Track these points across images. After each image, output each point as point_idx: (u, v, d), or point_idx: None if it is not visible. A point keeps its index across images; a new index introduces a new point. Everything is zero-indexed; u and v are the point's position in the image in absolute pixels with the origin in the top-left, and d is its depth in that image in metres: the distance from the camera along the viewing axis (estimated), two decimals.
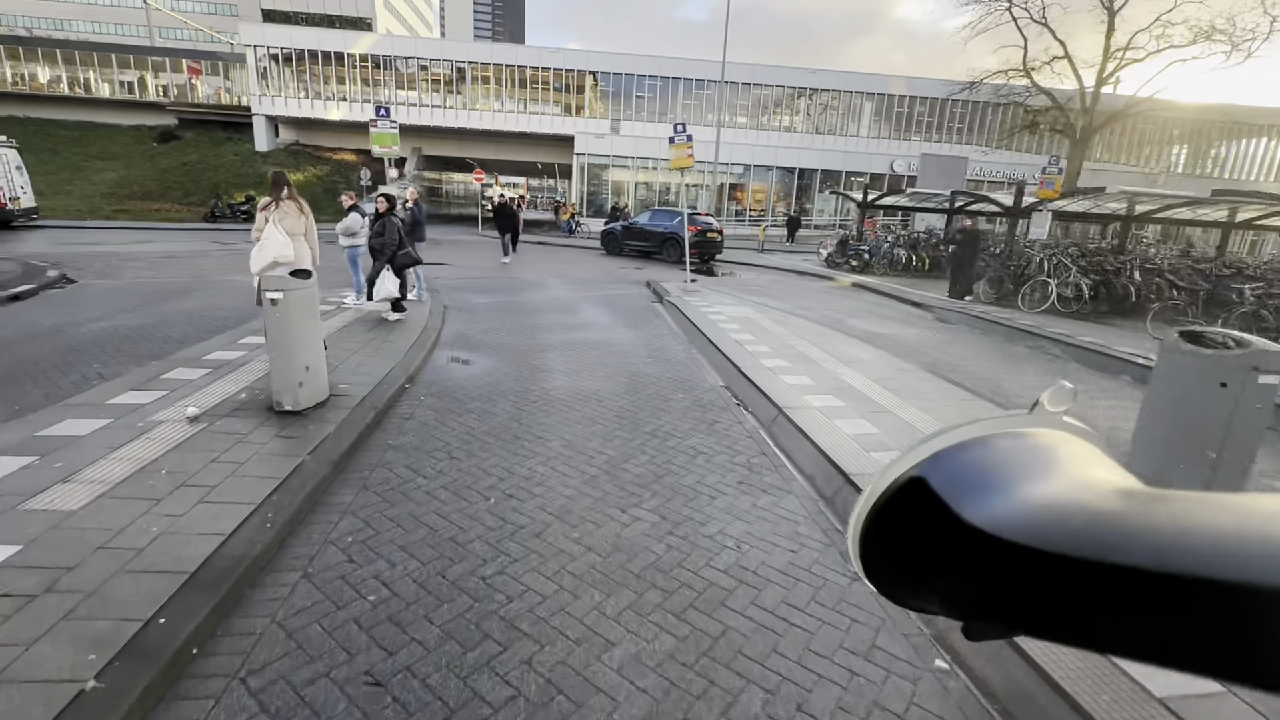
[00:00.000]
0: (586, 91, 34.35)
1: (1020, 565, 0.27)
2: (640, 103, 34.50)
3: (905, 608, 0.34)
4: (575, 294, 11.10)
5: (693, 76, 34.26)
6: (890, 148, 35.95)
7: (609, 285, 12.54)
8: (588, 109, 34.50)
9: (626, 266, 16.43)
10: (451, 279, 12.46)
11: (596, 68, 33.83)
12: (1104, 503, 0.27)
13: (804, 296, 12.45)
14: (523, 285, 11.97)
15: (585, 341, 7.45)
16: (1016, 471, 0.31)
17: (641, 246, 18.98)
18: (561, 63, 33.67)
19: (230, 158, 32.12)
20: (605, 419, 4.91)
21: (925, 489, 0.31)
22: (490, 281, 12.32)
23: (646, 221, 18.86)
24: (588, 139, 32.73)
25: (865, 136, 36.07)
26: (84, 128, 34.62)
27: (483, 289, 11.25)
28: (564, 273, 14.29)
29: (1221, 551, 0.21)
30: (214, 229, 22.35)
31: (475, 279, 12.58)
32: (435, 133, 36.00)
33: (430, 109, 33.80)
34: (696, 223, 17.75)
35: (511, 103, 34.34)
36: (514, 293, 10.95)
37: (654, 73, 34.02)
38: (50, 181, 28.53)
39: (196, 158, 31.96)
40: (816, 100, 35.50)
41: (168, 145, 33.91)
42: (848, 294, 13.41)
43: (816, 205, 35.67)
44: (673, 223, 18.12)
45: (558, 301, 10.24)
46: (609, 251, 19.86)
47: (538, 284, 12.20)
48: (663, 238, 18.14)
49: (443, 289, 11.14)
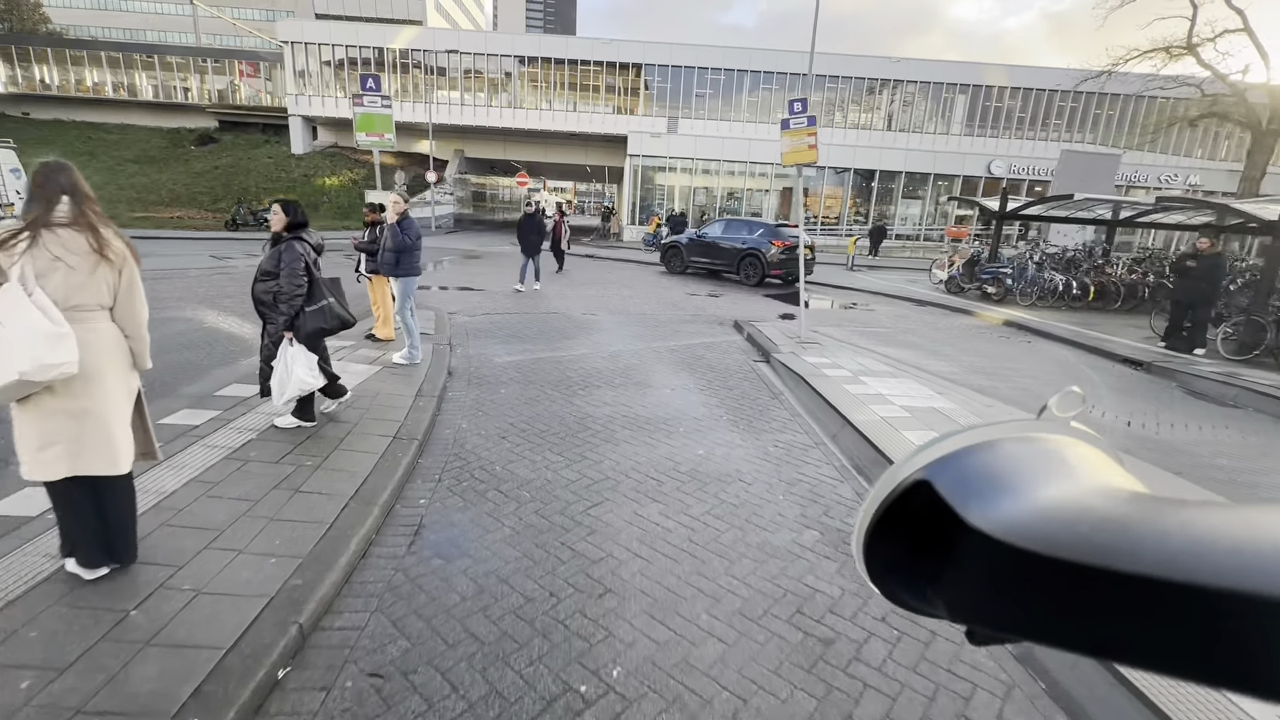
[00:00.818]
0: (641, 88, 31.24)
1: (1025, 570, 0.26)
2: (700, 100, 31.18)
3: (910, 611, 0.34)
4: (640, 344, 7.82)
5: (760, 69, 30.73)
6: (986, 146, 31.49)
7: (684, 326, 9.22)
8: (642, 106, 31.39)
9: (697, 291, 13.10)
10: (476, 312, 9.39)
11: (653, 60, 30.69)
12: (1112, 509, 0.27)
13: (956, 345, 8.83)
14: (566, 326, 8.77)
15: (675, 471, 4.12)
16: (1023, 476, 0.30)
17: (711, 264, 15.63)
18: (615, 55, 30.67)
19: (264, 161, 30.39)
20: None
21: (931, 492, 0.31)
22: (524, 319, 9.16)
23: (720, 234, 15.47)
24: (642, 139, 29.60)
25: (957, 135, 31.72)
26: (126, 131, 33.68)
27: (512, 333, 8.10)
28: (620, 302, 11.05)
29: (1231, 560, 0.21)
30: (229, 238, 20.15)
31: (506, 313, 9.46)
32: (479, 134, 33.56)
33: (473, 108, 31.33)
34: (783, 236, 14.28)
35: (560, 101, 31.54)
36: (554, 341, 7.75)
37: (717, 64, 30.63)
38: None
39: (230, 161, 30.35)
40: (900, 94, 31.39)
41: (205, 148, 32.55)
42: (1010, 340, 9.69)
43: (899, 212, 31.51)
44: (753, 236, 14.69)
45: (617, 361, 6.97)
46: (670, 269, 16.58)
47: (587, 324, 8.99)
48: (740, 255, 14.72)
49: (460, 330, 8.05)
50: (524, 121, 31.49)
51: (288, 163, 30.20)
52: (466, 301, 10.30)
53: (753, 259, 14.46)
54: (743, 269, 14.71)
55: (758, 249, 14.38)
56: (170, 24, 58.66)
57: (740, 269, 14.78)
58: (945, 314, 12.04)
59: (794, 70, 30.63)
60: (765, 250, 14.25)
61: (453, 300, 10.32)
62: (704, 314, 10.36)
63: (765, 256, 14.21)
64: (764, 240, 14.41)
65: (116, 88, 35.58)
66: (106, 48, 35.20)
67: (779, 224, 14.85)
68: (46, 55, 34.81)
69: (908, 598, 0.33)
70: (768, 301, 12.31)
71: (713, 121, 31.17)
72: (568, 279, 14.05)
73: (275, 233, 3.97)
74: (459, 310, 9.45)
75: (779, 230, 14.45)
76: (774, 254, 14.16)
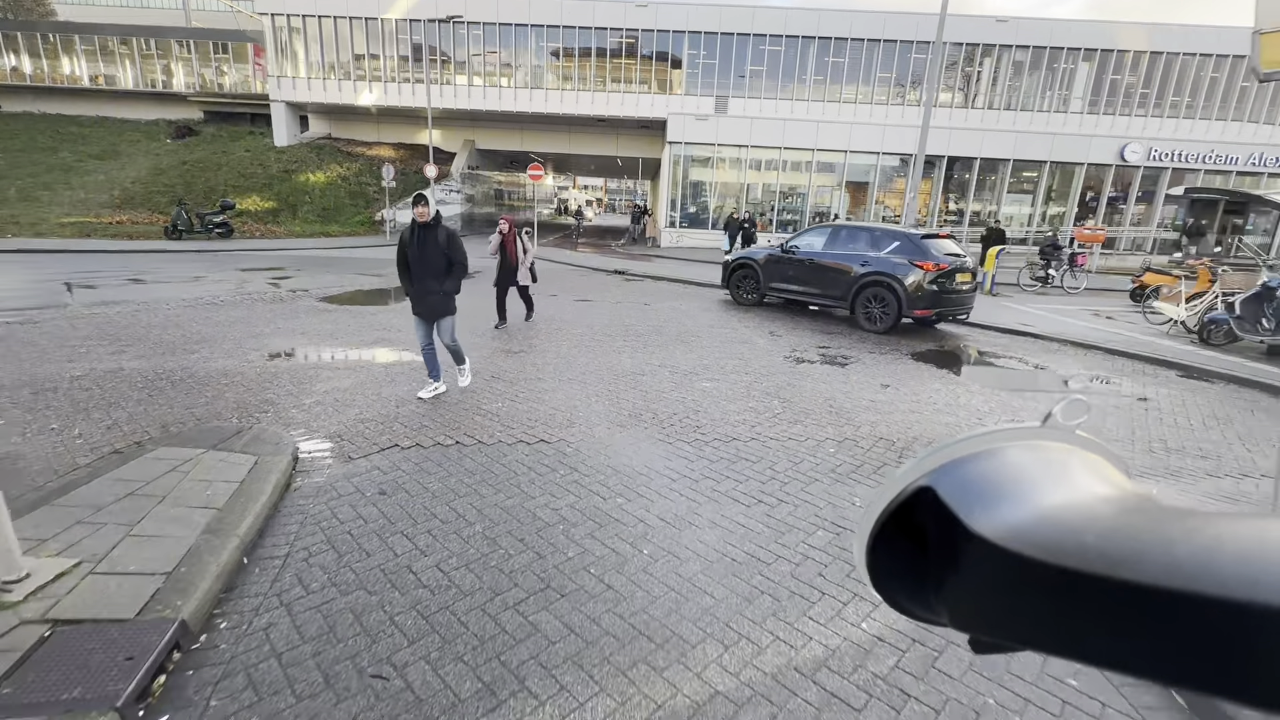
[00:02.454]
0: (684, 62, 25.88)
1: (1029, 578, 0.26)
2: (756, 78, 25.67)
3: (912, 618, 0.33)
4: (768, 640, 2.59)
5: (830, 35, 25.06)
6: (1117, 127, 25.23)
7: (826, 486, 3.93)
8: (684, 84, 26.03)
9: (798, 347, 7.75)
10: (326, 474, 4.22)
11: (698, 27, 25.31)
12: (1117, 516, 0.26)
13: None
14: (566, 489, 3.58)
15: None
16: (1027, 483, 0.30)
17: (804, 293, 10.26)
18: (652, 22, 25.36)
19: (241, 154, 26.02)
20: None
21: (934, 499, 0.31)
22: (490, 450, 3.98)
23: (820, 248, 10.08)
24: (684, 123, 24.27)
25: (1078, 113, 25.51)
26: (101, 124, 29.83)
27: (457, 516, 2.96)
28: (680, 389, 5.79)
29: (1237, 570, 0.20)
30: (163, 250, 15.54)
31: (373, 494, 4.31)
32: (492, 120, 28.68)
33: (484, 89, 26.42)
34: (931, 255, 8.87)
35: (585, 79, 26.41)
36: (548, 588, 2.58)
37: (777, 30, 25.07)
38: (30, 186, 23.28)
39: (202, 156, 26.06)
40: (1008, 62, 25.32)
41: (183, 141, 28.43)
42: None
43: (1003, 210, 25.47)
44: (881, 253, 9.28)
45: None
46: (737, 297, 11.27)
47: (626, 478, 3.78)
48: (858, 282, 9.31)
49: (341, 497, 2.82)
50: (543, 105, 26.47)
51: (266, 156, 25.78)
52: (316, 416, 5.16)
53: (881, 289, 9.03)
54: (861, 304, 9.29)
55: (890, 274, 8.96)
56: (164, 19, 55.63)
57: (856, 304, 9.36)
58: (1249, 396, 6.44)
59: (872, 35, 24.90)
60: (903, 276, 8.83)
61: (306, 407, 5.19)
62: (860, 430, 4.99)
63: (904, 286, 8.79)
64: (900, 259, 8.98)
65: (94, 77, 31.82)
66: (82, 30, 31.45)
67: (925, 233, 9.36)
68: (17, 41, 31.23)
69: (911, 605, 0.33)
70: (943, 377, 6.88)
71: (770, 100, 25.64)
72: (590, 305, 8.87)
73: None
74: (410, 403, 4.34)
75: (924, 244, 8.98)
76: (919, 282, 8.73)
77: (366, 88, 26.44)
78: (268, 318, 8.04)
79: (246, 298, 9.51)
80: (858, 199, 25.80)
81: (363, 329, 7.68)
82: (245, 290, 10.20)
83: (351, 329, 7.64)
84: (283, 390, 5.16)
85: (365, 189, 25.71)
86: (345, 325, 7.84)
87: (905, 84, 25.65)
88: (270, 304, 9.11)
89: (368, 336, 7.29)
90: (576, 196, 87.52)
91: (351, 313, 8.73)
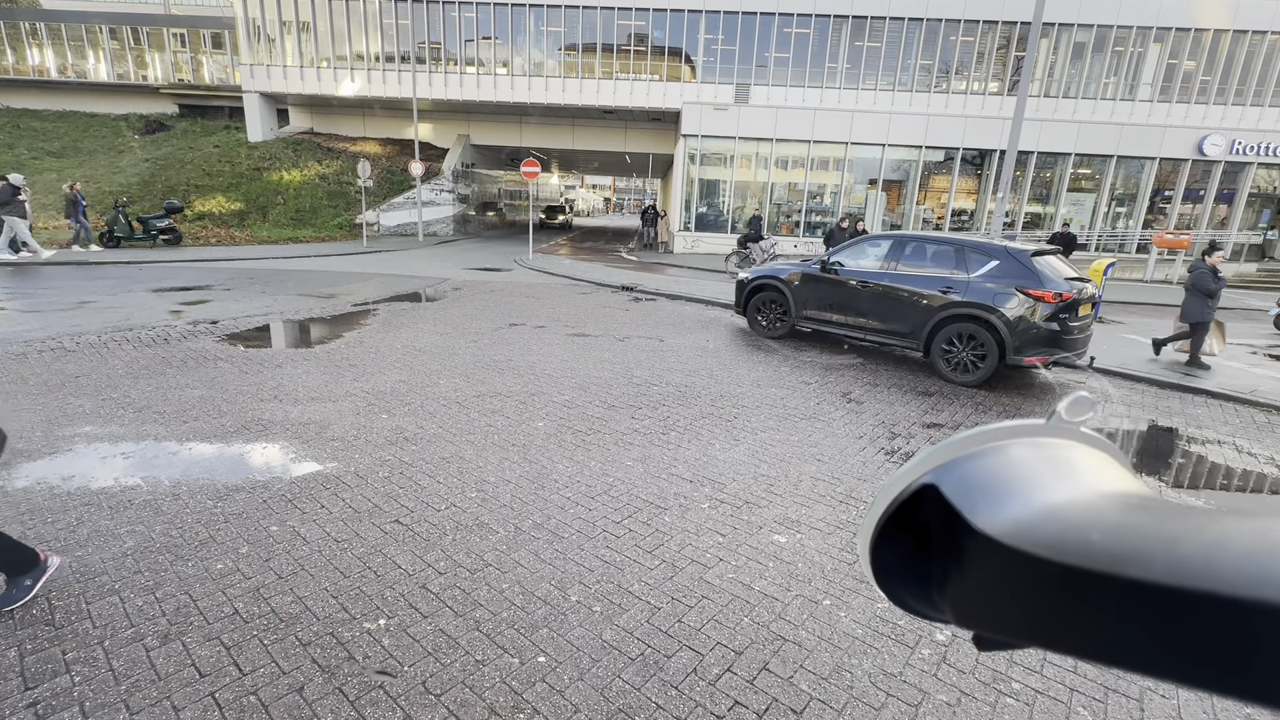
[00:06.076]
0: (699, 46, 23.18)
1: (1033, 575, 0.26)
2: (781, 64, 22.92)
3: (917, 616, 0.33)
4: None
5: (865, 14, 22.26)
6: (1192, 116, 22.27)
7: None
8: (700, 71, 23.34)
9: (895, 416, 5.07)
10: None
11: (716, 7, 22.60)
12: (1122, 514, 0.26)
13: None
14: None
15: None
16: (1031, 480, 0.30)
17: (851, 326, 7.51)
18: (664, 1, 22.69)
19: (209, 151, 23.58)
20: None
21: (937, 496, 0.30)
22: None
23: (878, 270, 7.29)
24: (700, 114, 21.59)
25: (1146, 100, 22.57)
26: (65, 118, 27.56)
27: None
28: (736, 552, 3.15)
29: (1242, 567, 0.20)
30: (96, 263, 13.06)
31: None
32: (487, 112, 26.14)
33: (478, 77, 23.85)
34: (1047, 280, 6.18)
35: (591, 69, 23.77)
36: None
37: (806, 10, 22.31)
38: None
39: (168, 152, 23.65)
40: (1067, 43, 22.40)
41: (151, 137, 26.08)
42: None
43: (1061, 209, 22.57)
44: (973, 274, 6.53)
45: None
46: (760, 330, 8.52)
47: None
48: (935, 315, 6.60)
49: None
50: (544, 95, 23.87)
51: (237, 152, 23.31)
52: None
53: (975, 325, 6.32)
54: (940, 345, 6.58)
55: (988, 305, 6.25)
56: (139, 6, 53.52)
57: (933, 344, 6.65)
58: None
59: (914, 14, 22.08)
60: (1006, 307, 6.14)
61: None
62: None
63: (1009, 322, 6.11)
64: (1001, 286, 6.26)
65: (62, 69, 29.55)
66: (48, 19, 29.18)
67: (1034, 249, 6.60)
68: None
69: (914, 603, 0.32)
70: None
71: (797, 89, 22.88)
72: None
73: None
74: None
75: (1033, 265, 6.23)
76: (1031, 316, 6.06)
77: (349, 77, 23.94)
78: (104, 379, 5.44)
79: (118, 338, 6.92)
80: (894, 199, 23.04)
81: (239, 397, 5.06)
82: (129, 324, 7.62)
83: (219, 401, 5.02)
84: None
85: (346, 189, 23.17)
86: (219, 389, 5.22)
87: (950, 70, 22.81)
88: (142, 348, 6.52)
89: (228, 419, 4.66)
90: (587, 196, 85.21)
91: (244, 364, 6.12)
